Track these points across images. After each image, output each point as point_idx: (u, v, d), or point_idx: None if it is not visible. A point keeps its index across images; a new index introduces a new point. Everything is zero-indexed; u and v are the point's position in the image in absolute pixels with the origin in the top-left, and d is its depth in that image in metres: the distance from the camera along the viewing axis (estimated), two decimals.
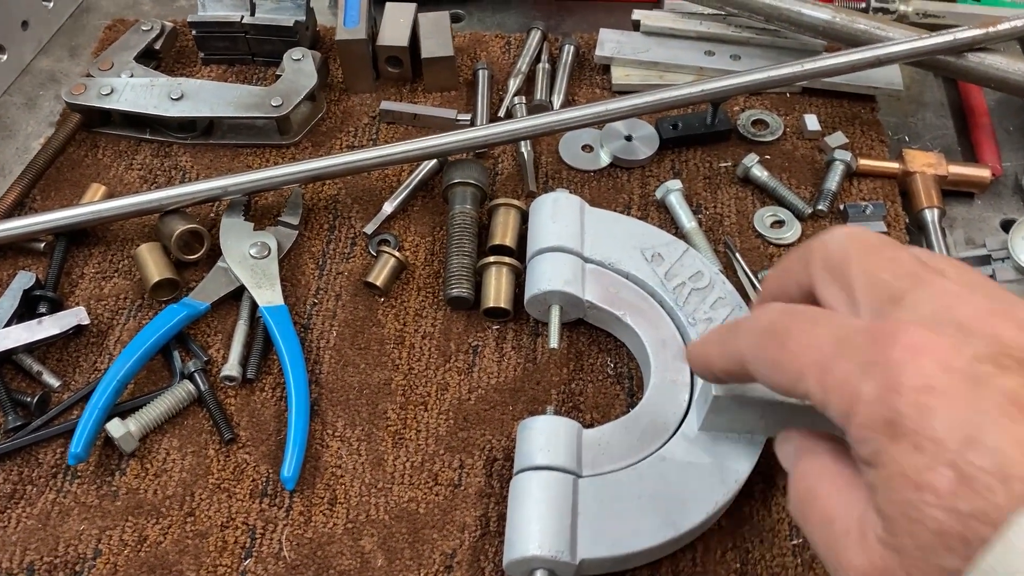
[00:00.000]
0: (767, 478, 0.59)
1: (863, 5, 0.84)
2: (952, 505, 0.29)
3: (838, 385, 0.33)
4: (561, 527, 0.53)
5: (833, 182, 0.75)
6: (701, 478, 0.56)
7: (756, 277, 0.70)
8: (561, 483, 0.55)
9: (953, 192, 0.77)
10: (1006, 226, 0.75)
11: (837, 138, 0.78)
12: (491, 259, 0.68)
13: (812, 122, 0.80)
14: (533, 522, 0.53)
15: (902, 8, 0.83)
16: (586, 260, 0.66)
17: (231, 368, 0.65)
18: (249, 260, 0.70)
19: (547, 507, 0.53)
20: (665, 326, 0.63)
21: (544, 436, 0.56)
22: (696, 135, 0.80)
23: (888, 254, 0.37)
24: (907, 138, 0.83)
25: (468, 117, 0.81)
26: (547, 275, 0.64)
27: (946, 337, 0.32)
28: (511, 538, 0.53)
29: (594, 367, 0.66)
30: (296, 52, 0.81)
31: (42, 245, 0.72)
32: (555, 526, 0.53)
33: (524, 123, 0.73)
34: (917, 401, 0.30)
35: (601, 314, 0.65)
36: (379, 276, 0.69)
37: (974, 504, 0.28)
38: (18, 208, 0.76)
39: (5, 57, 0.88)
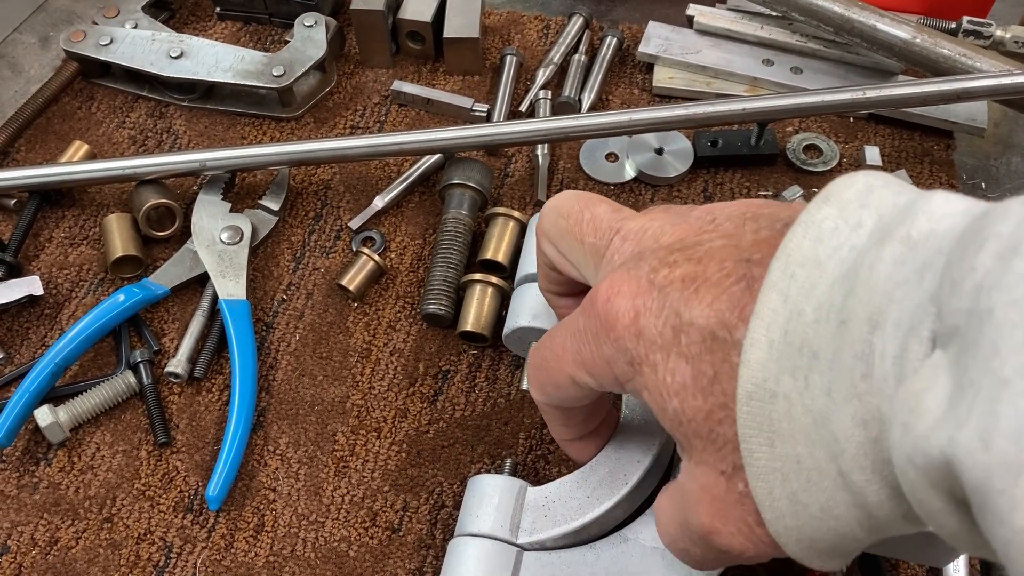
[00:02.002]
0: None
1: (952, 25, 0.72)
2: (699, 389, 0.34)
3: (595, 367, 0.39)
4: None
5: None
6: (669, 570, 0.48)
7: None
8: (501, 556, 0.48)
9: None
10: None
11: (900, 177, 0.68)
12: (477, 276, 0.61)
13: (873, 155, 0.70)
14: None
15: (998, 34, 0.71)
16: None
17: (177, 364, 0.59)
18: (218, 245, 0.64)
19: None
20: None
21: (493, 499, 0.49)
22: (737, 156, 0.70)
23: (587, 216, 0.42)
24: (984, 185, 0.71)
25: (485, 109, 0.73)
26: (529, 309, 0.56)
27: (625, 271, 0.37)
28: None
29: None
30: (308, 18, 0.74)
31: (12, 202, 0.68)
32: None
33: (541, 125, 0.65)
34: (632, 333, 0.36)
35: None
36: (353, 280, 0.63)
37: (717, 368, 0.34)
38: (1, 157, 0.72)
39: None
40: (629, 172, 0.70)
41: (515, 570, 0.48)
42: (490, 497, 0.49)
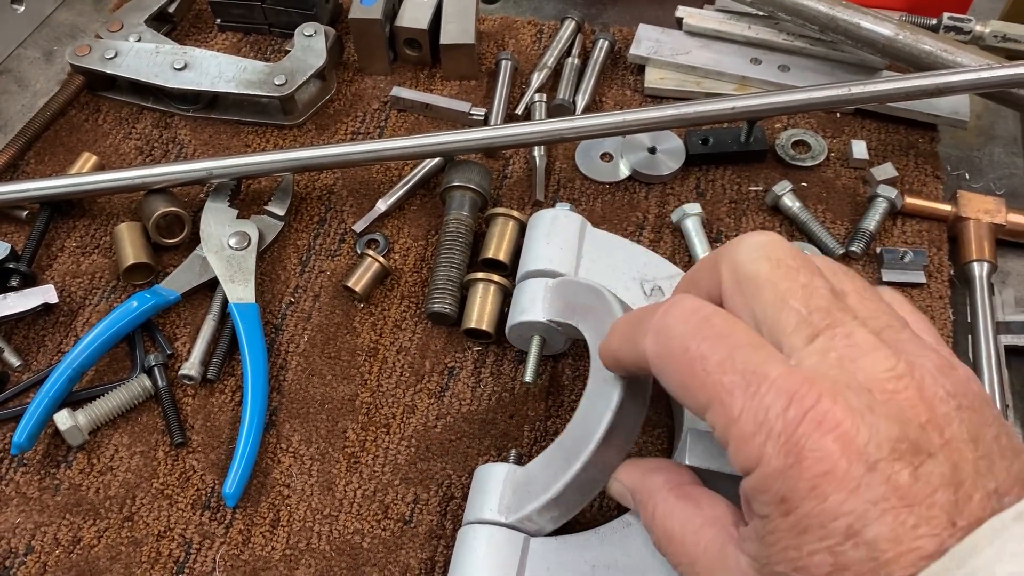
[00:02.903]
0: None
1: (933, 22, 0.74)
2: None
3: (743, 439, 0.34)
4: None
5: (872, 221, 0.67)
6: None
7: None
8: (510, 543, 0.50)
9: (1010, 243, 0.68)
10: None
11: (886, 170, 0.70)
12: (479, 275, 0.63)
13: (860, 149, 0.72)
14: None
15: (978, 29, 0.73)
16: None
17: (191, 367, 0.61)
18: (227, 251, 0.66)
19: (490, 567, 0.49)
20: (609, 320, 0.51)
21: (499, 488, 0.51)
22: (727, 153, 0.72)
23: (802, 280, 0.37)
24: (967, 175, 0.74)
25: (482, 112, 0.75)
26: (532, 304, 0.58)
27: (851, 412, 0.32)
28: None
29: (574, 404, 0.61)
30: (308, 27, 0.76)
31: (24, 213, 0.70)
32: None
33: (538, 127, 0.67)
34: (813, 485, 0.32)
35: (565, 330, 0.59)
36: (359, 281, 0.65)
37: None
38: (11, 170, 0.74)
39: (23, 8, 0.85)
40: (623, 171, 0.72)
41: (522, 555, 0.50)
42: (494, 485, 0.51)
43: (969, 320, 0.64)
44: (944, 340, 0.61)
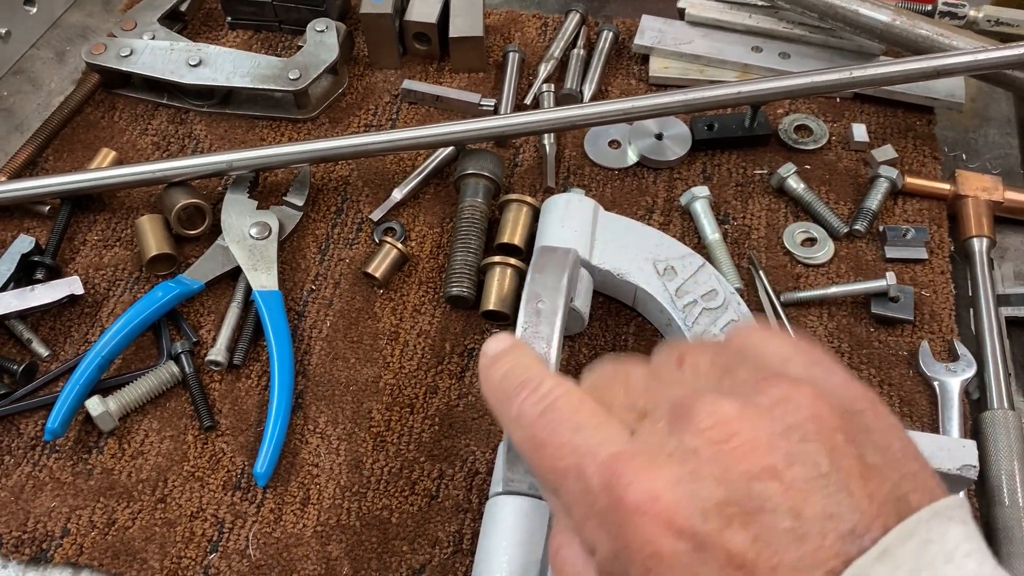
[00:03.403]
0: None
1: (929, 7, 0.77)
2: None
3: (580, 523, 0.33)
4: (531, 560, 0.49)
5: (875, 200, 0.69)
6: None
7: (778, 299, 0.65)
8: (537, 512, 0.51)
9: (1008, 220, 0.70)
10: None
11: (886, 151, 0.72)
12: (496, 259, 0.65)
13: (860, 132, 0.74)
14: (502, 552, 0.50)
15: (972, 14, 0.76)
16: (593, 269, 0.62)
17: (217, 352, 0.63)
18: (248, 240, 0.67)
19: (519, 537, 0.50)
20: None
21: (522, 459, 0.53)
22: (732, 138, 0.74)
23: (620, 374, 0.37)
24: (964, 156, 0.76)
25: (492, 103, 0.77)
26: None
27: (671, 484, 0.30)
28: (479, 566, 0.50)
29: None
30: (320, 23, 0.78)
31: (47, 209, 0.71)
32: (525, 558, 0.49)
33: (548, 115, 0.69)
34: (645, 569, 0.30)
35: (580, 314, 0.61)
36: (379, 267, 0.66)
37: None
38: (30, 167, 0.75)
39: (35, 9, 0.87)
40: (631, 157, 0.74)
41: (549, 523, 0.51)
42: (518, 456, 0.53)
43: (970, 294, 0.66)
44: (947, 315, 0.64)
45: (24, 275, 0.67)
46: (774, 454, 0.29)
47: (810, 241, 0.69)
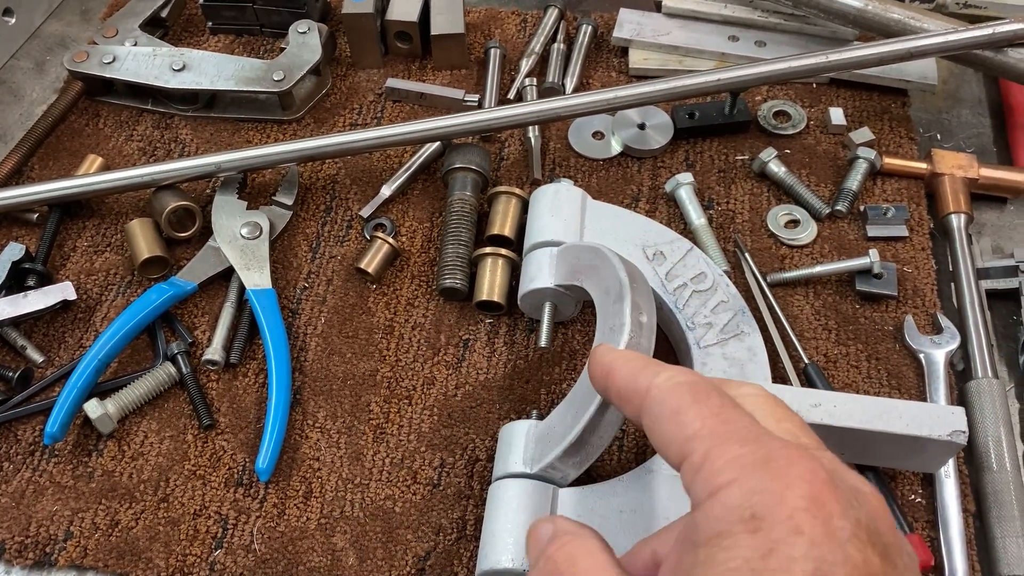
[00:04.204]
0: None
1: None
2: None
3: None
4: None
5: (855, 181, 0.71)
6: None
7: (764, 280, 0.66)
8: (540, 493, 0.52)
9: (984, 196, 0.72)
10: None
11: (863, 134, 0.74)
12: (487, 250, 0.66)
13: (837, 116, 0.76)
14: (508, 533, 0.51)
15: None
16: None
17: (214, 352, 0.63)
18: (240, 240, 0.68)
19: (524, 518, 0.51)
20: (610, 274, 0.55)
21: (523, 442, 0.54)
22: (713, 125, 0.76)
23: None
24: (939, 136, 0.78)
25: (476, 98, 0.78)
26: (541, 273, 0.61)
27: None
28: (485, 548, 0.51)
29: None
30: (302, 25, 0.78)
31: (35, 216, 0.71)
32: None
33: (532, 108, 0.70)
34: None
35: (574, 293, 0.61)
36: (371, 263, 0.67)
37: None
38: (16, 176, 0.75)
39: (13, 20, 0.86)
40: (615, 147, 0.76)
41: (552, 505, 0.52)
42: (517, 440, 0.54)
43: (951, 269, 0.68)
44: (929, 289, 0.65)
45: (15, 283, 0.67)
46: None
47: (793, 223, 0.70)
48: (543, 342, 0.60)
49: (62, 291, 0.66)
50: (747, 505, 0.31)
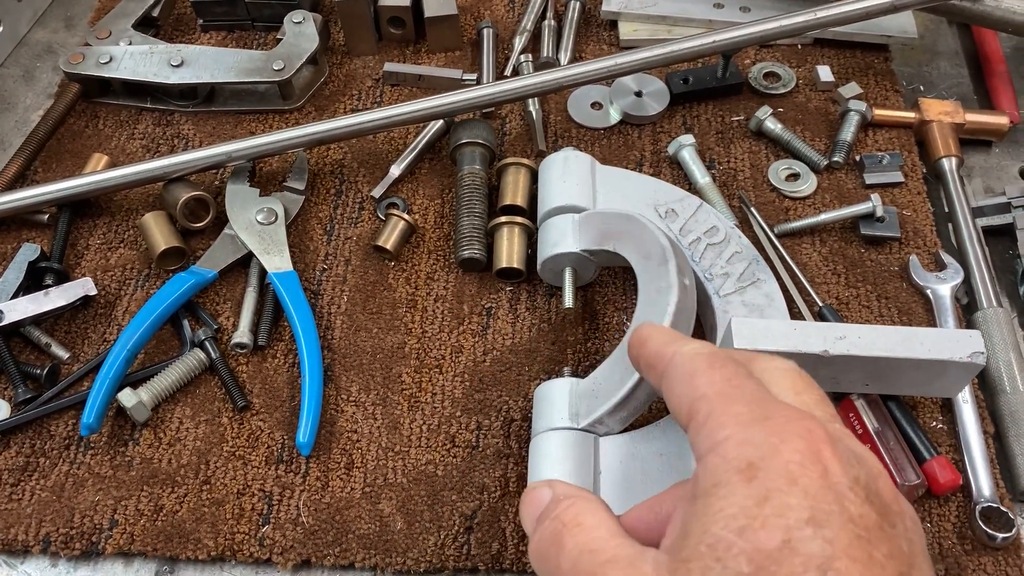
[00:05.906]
0: None
1: None
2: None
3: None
4: (583, 485, 0.52)
5: (848, 133, 0.73)
6: None
7: (772, 231, 0.68)
8: (582, 442, 0.54)
9: (970, 141, 0.75)
10: None
11: (851, 88, 0.77)
12: (503, 219, 0.67)
13: (825, 73, 0.79)
14: (556, 478, 0.52)
15: None
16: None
17: (242, 335, 0.64)
18: (256, 226, 0.68)
19: (569, 465, 0.53)
20: (650, 239, 0.57)
21: (567, 399, 0.55)
22: (707, 89, 0.78)
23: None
24: (922, 88, 0.81)
25: (474, 77, 0.79)
26: (563, 237, 0.63)
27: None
28: None
29: (610, 325, 0.65)
30: (297, 15, 0.79)
31: (45, 217, 0.71)
32: (577, 483, 0.52)
33: (531, 80, 0.72)
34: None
35: (598, 258, 0.63)
36: (388, 239, 0.68)
37: None
38: (20, 180, 0.75)
39: (0, 29, 0.86)
40: (614, 116, 0.77)
41: (595, 452, 0.54)
42: (559, 396, 0.55)
43: (947, 210, 0.71)
44: (928, 230, 0.68)
45: (33, 283, 0.67)
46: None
47: (794, 176, 0.73)
48: (568, 303, 0.62)
49: (83, 287, 0.66)
50: (743, 456, 0.33)
